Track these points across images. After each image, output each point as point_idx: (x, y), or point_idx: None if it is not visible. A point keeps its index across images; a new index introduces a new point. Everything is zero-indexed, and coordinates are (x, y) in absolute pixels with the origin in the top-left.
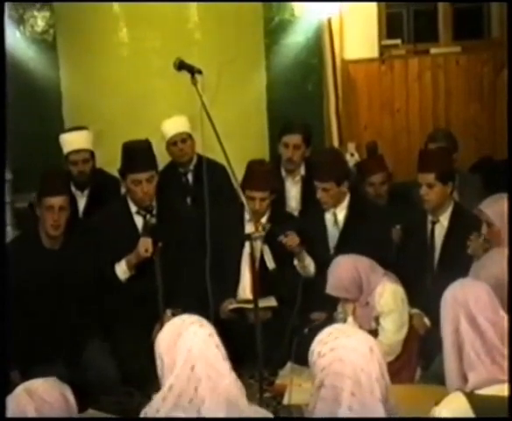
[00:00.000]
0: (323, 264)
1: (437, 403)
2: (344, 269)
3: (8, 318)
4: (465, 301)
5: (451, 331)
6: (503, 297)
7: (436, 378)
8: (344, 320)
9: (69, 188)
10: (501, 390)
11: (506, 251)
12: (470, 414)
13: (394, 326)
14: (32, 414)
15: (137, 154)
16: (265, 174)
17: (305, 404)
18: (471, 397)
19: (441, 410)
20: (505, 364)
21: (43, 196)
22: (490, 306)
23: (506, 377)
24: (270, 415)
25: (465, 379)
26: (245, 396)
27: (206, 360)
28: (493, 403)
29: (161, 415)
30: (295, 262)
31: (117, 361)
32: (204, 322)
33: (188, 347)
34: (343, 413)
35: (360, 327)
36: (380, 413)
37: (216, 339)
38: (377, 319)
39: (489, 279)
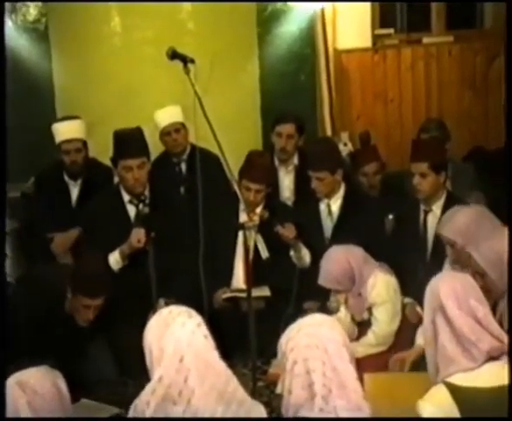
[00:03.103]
0: (317, 254)
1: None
2: (336, 261)
3: (6, 318)
4: (438, 293)
5: (430, 323)
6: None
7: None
8: (337, 309)
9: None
10: (475, 380)
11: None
12: (453, 407)
13: (387, 317)
14: (24, 408)
15: (128, 141)
16: (263, 168)
17: None
18: (453, 390)
19: (425, 405)
20: (475, 351)
21: (81, 295)
22: (461, 295)
23: (475, 365)
24: (260, 405)
25: (438, 369)
26: (235, 382)
27: (195, 350)
28: (475, 394)
29: (151, 407)
30: (291, 253)
31: (110, 351)
32: (193, 312)
33: (176, 338)
34: (317, 380)
35: (352, 317)
36: (352, 373)
37: (204, 329)
38: (370, 310)
39: (492, 253)
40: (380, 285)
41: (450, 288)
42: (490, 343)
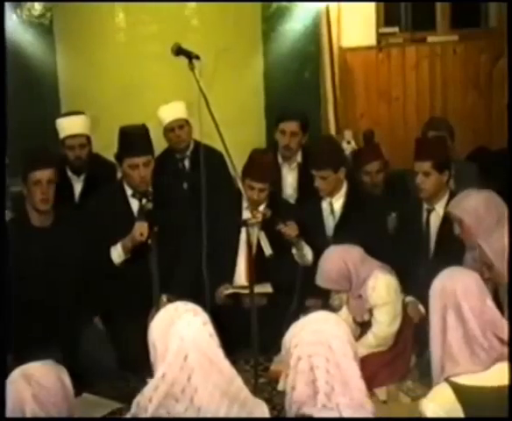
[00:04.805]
0: (319, 252)
1: None
2: (332, 262)
3: (7, 301)
4: (453, 290)
5: (438, 320)
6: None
7: (430, 365)
8: (340, 307)
9: (54, 160)
10: (479, 379)
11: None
12: (456, 406)
13: (388, 318)
14: (29, 400)
15: (134, 138)
16: (266, 166)
17: None
18: (457, 389)
19: (428, 404)
20: (483, 356)
21: (29, 172)
22: (477, 295)
23: (482, 368)
24: (263, 404)
25: (443, 368)
26: (239, 382)
27: (199, 349)
28: (479, 394)
29: (154, 403)
30: (293, 251)
31: (112, 346)
32: (199, 310)
33: (181, 336)
34: (320, 377)
35: (354, 319)
36: (356, 370)
37: (210, 328)
38: (370, 311)
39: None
40: (381, 286)
41: (467, 287)
42: (501, 351)
